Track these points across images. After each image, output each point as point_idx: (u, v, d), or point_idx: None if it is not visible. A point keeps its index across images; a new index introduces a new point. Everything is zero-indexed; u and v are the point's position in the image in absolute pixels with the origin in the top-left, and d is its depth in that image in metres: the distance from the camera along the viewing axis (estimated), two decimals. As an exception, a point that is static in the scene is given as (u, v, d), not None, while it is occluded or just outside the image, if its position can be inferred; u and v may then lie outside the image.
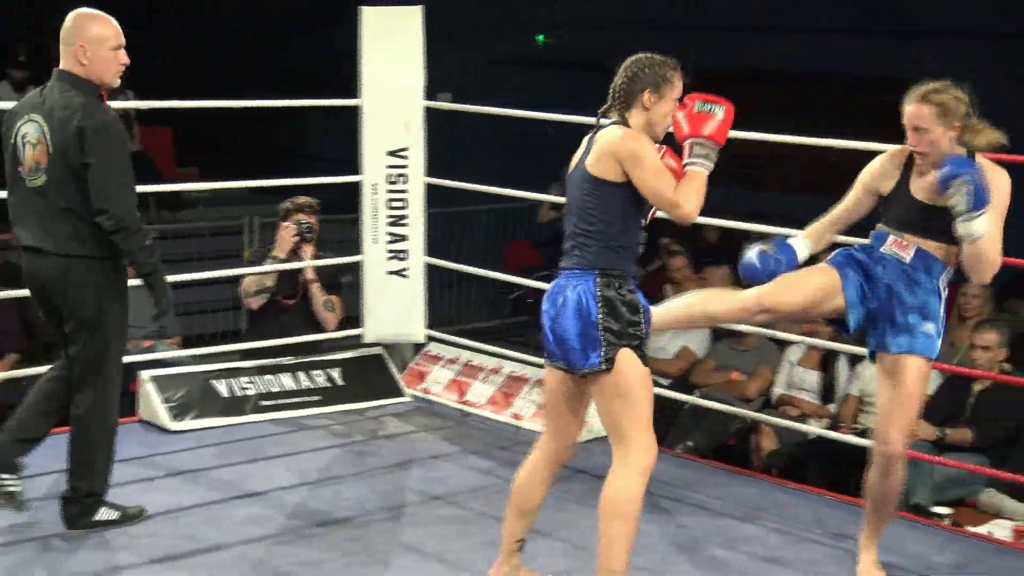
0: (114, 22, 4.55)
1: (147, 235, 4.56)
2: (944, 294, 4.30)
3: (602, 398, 3.97)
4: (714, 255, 9.64)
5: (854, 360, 6.83)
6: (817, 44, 11.65)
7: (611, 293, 3.87)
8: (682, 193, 3.86)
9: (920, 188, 4.26)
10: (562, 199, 4.23)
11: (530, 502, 4.19)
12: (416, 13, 6.44)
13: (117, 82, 4.57)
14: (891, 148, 4.40)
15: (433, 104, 6.72)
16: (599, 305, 3.86)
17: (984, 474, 5.85)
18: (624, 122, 3.96)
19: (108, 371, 4.65)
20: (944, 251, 4.25)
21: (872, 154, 4.50)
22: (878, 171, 4.39)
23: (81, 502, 4.68)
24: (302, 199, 6.72)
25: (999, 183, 4.16)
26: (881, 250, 4.32)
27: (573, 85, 13.09)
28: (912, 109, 4.18)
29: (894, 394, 4.26)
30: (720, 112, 3.98)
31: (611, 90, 4.01)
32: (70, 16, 4.53)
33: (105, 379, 4.64)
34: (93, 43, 4.47)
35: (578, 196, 3.95)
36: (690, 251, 9.36)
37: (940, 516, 5.63)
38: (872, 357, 4.41)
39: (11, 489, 4.66)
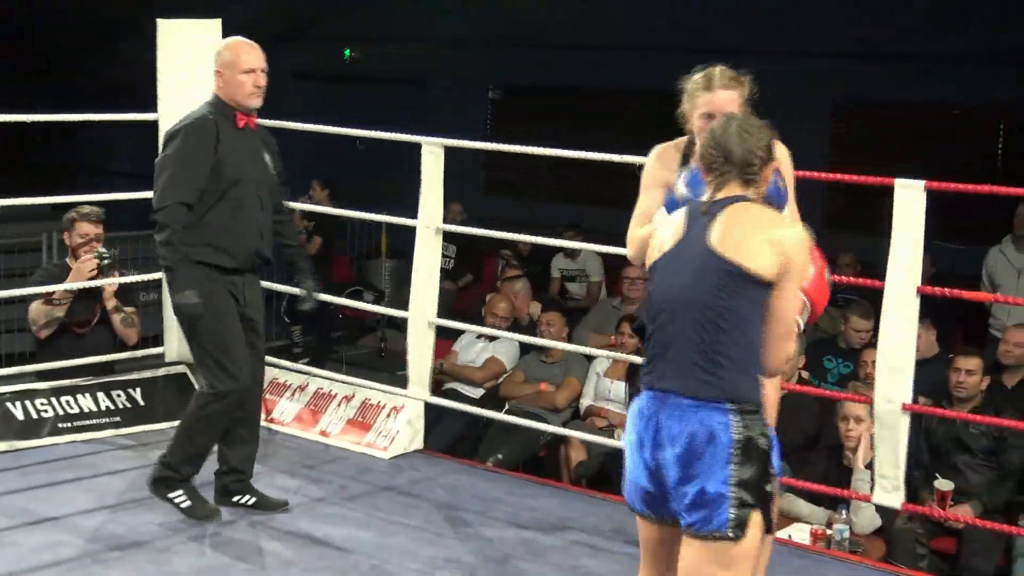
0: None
1: (174, 232, 4.83)
2: None
3: (703, 564, 3.11)
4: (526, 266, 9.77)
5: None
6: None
7: (750, 435, 3.09)
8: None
9: None
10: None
11: None
12: (215, 26, 6.32)
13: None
14: (658, 147, 4.15)
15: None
16: (733, 451, 3.07)
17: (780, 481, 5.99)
18: (746, 199, 3.28)
19: (208, 366, 4.97)
20: None
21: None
22: (659, 165, 4.05)
23: (164, 470, 5.03)
24: (86, 208, 6.52)
25: (786, 158, 3.92)
26: None
27: (379, 100, 13.13)
28: (723, 94, 3.85)
29: None
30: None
31: (730, 157, 3.28)
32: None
33: (209, 372, 4.98)
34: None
35: (703, 290, 3.16)
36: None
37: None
38: None
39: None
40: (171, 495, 5.03)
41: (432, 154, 5.91)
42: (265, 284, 7.01)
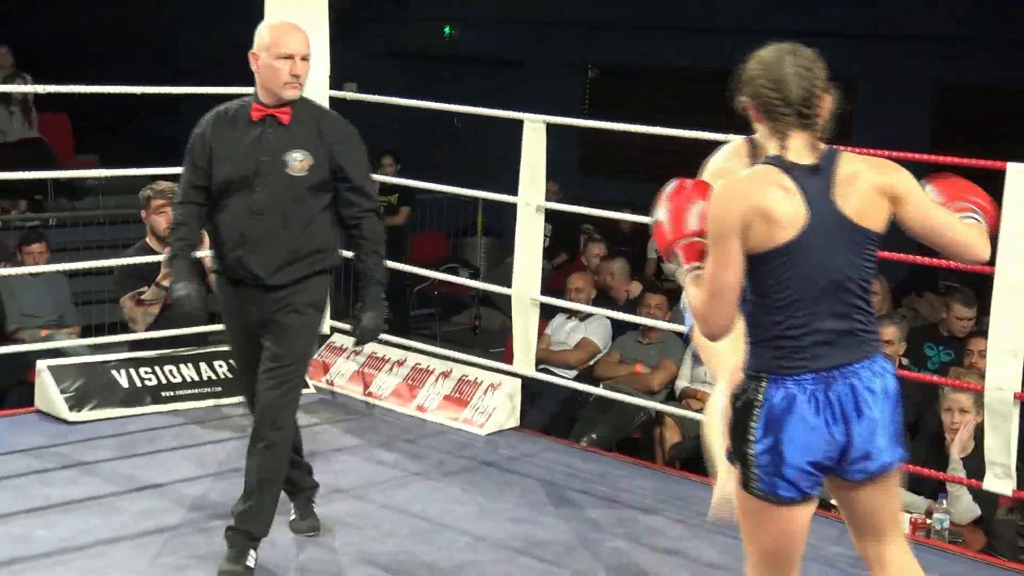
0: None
1: (173, 229, 4.52)
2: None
3: (892, 488, 3.21)
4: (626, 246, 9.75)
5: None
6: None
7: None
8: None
9: None
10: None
11: None
12: (321, 2, 6.36)
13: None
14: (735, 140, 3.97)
15: (339, 94, 6.66)
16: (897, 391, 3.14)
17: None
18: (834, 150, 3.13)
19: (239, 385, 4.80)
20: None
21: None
22: (731, 158, 3.80)
23: (238, 535, 4.32)
24: (163, 184, 6.48)
25: None
26: None
27: (479, 79, 13.16)
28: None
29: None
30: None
31: (815, 108, 3.06)
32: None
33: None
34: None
35: (847, 260, 3.06)
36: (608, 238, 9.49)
37: (837, 508, 5.68)
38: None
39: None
40: (247, 562, 4.31)
41: (534, 131, 5.91)
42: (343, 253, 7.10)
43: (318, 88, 6.48)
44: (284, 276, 4.32)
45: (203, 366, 6.36)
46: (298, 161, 4.29)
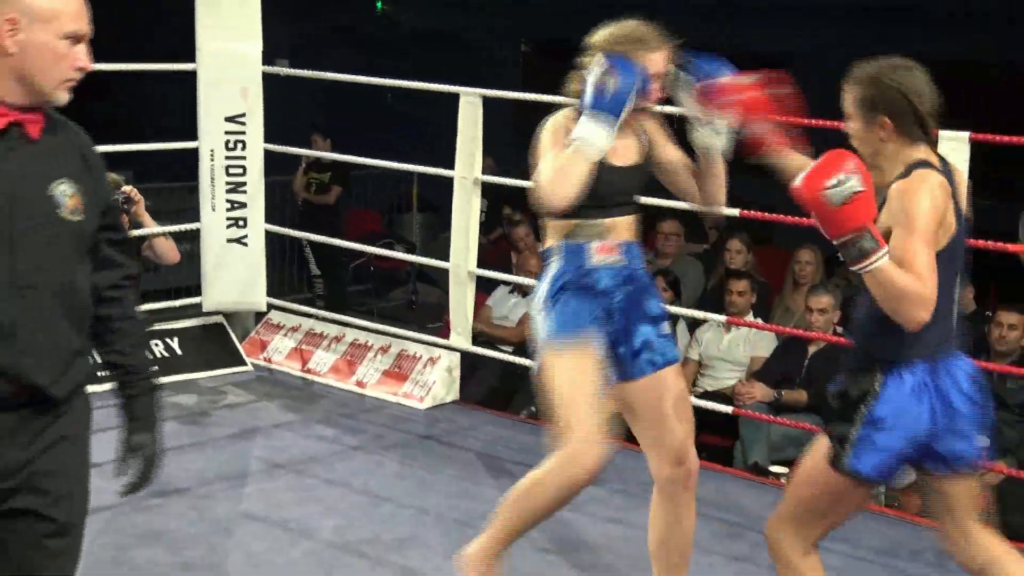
0: None
1: None
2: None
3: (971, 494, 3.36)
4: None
5: (693, 325, 6.95)
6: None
7: None
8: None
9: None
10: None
11: None
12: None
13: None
14: None
15: (271, 70, 6.62)
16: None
17: (818, 434, 5.99)
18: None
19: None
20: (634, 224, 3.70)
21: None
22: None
23: None
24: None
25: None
26: (589, 267, 3.62)
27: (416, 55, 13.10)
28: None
29: (680, 409, 3.71)
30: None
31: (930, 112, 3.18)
32: None
33: None
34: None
35: (963, 259, 3.24)
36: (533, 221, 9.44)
37: (777, 475, 5.76)
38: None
39: None
40: None
41: (470, 104, 5.90)
42: (278, 230, 7.05)
43: (251, 65, 6.45)
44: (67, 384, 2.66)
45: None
46: (68, 197, 2.60)
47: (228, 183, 6.54)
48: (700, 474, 3.83)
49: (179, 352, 6.43)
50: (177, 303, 6.72)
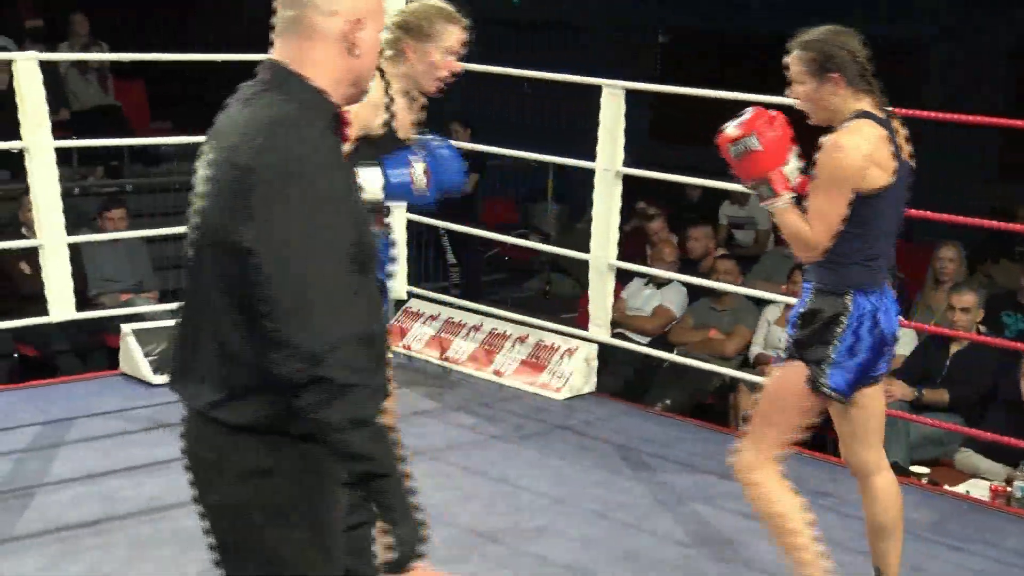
0: None
1: None
2: None
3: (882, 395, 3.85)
4: (695, 212, 9.74)
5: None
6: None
7: None
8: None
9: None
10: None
11: None
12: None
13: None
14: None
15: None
16: None
17: (960, 433, 5.91)
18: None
19: None
20: None
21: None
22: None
23: None
24: None
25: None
26: None
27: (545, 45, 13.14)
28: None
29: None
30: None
31: (868, 68, 3.52)
32: None
33: None
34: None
35: (904, 202, 3.65)
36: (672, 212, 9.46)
37: (918, 475, 5.68)
38: None
39: None
40: None
41: (612, 96, 5.91)
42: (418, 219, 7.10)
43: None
44: None
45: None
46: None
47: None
48: (840, 472, 3.88)
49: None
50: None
